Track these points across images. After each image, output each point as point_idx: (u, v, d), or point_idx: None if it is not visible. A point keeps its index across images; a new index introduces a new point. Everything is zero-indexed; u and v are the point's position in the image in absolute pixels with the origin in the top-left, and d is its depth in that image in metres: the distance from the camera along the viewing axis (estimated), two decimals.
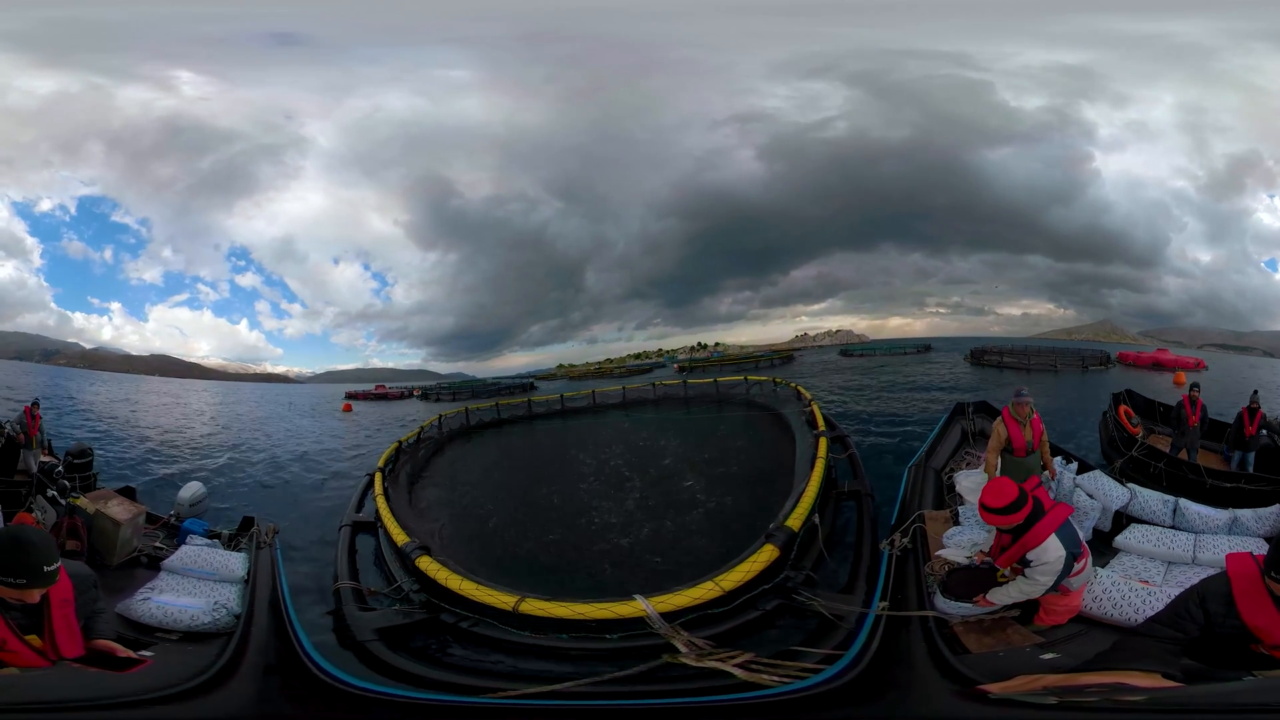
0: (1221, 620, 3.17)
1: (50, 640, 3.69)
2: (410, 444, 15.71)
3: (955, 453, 9.61)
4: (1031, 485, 5.26)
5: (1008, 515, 4.84)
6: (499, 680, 5.70)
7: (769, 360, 28.13)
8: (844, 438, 10.97)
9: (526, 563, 9.12)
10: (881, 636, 5.40)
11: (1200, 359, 22.92)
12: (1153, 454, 9.43)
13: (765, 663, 5.31)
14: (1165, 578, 5.95)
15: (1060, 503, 5.16)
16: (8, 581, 3.45)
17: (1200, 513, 6.79)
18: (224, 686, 4.76)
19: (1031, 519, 4.86)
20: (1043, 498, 5.07)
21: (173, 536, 8.86)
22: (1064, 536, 4.81)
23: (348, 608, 7.21)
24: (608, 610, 6.10)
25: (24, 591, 3.49)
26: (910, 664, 5.09)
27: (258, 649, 5.67)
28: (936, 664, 4.86)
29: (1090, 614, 5.18)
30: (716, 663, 5.37)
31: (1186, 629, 3.24)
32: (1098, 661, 3.52)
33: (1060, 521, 4.86)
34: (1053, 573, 4.78)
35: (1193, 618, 3.24)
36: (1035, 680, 3.65)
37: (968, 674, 4.42)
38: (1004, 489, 4.90)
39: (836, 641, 5.68)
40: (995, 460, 7.18)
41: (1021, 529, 4.88)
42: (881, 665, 5.17)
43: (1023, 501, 4.84)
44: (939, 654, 4.92)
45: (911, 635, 5.30)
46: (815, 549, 7.32)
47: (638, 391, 21.90)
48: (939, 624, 5.27)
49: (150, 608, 6.46)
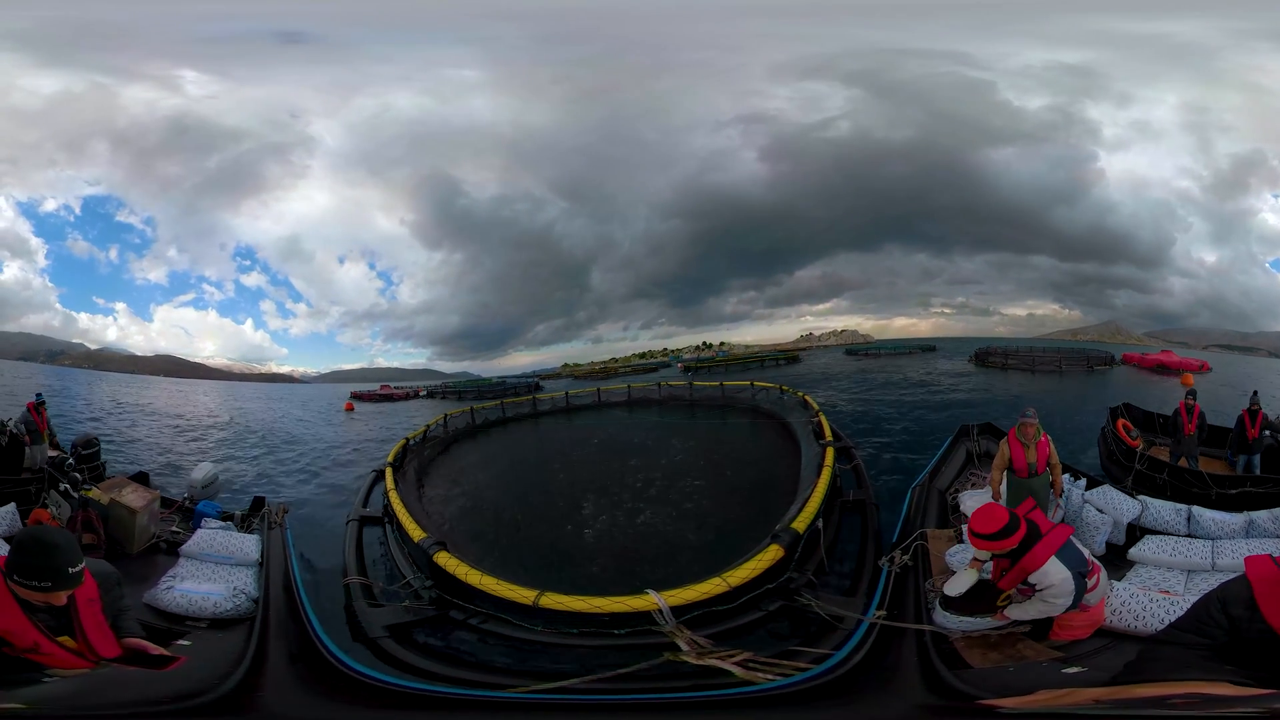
0: (1247, 624, 3.05)
1: (84, 641, 3.64)
2: (417, 441, 15.88)
3: (960, 473, 9.65)
4: (1026, 508, 5.18)
5: (998, 541, 4.76)
6: (516, 677, 5.78)
7: (774, 360, 28.14)
8: (850, 448, 11.03)
9: (537, 559, 9.18)
10: (873, 644, 5.47)
11: (1205, 360, 22.90)
12: (1155, 466, 9.30)
13: (763, 661, 5.39)
14: (1187, 586, 5.93)
15: (1059, 524, 5.08)
16: (33, 585, 3.39)
17: (1215, 518, 6.80)
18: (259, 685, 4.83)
19: (1027, 543, 4.76)
20: (1039, 520, 4.98)
21: (188, 519, 9.09)
22: (1067, 557, 4.73)
23: (357, 603, 7.26)
24: (622, 604, 6.21)
25: (50, 594, 3.44)
26: (895, 672, 5.15)
27: (279, 635, 5.85)
28: (925, 675, 4.88)
29: (1113, 627, 5.15)
30: (716, 660, 5.46)
31: (1212, 634, 3.12)
32: (1130, 673, 3.37)
33: (1059, 543, 4.76)
34: (1064, 594, 4.70)
35: (1216, 622, 3.12)
36: (1065, 695, 3.55)
37: (964, 689, 4.41)
38: (994, 514, 4.81)
39: (832, 645, 5.74)
40: (999, 478, 7.17)
41: (1018, 553, 4.79)
42: (865, 670, 5.24)
43: (1014, 526, 4.75)
44: (930, 666, 4.94)
45: (904, 646, 5.35)
46: (819, 555, 7.38)
47: (643, 391, 21.98)
48: (937, 638, 5.27)
49: (175, 596, 6.67)
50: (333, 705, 5.09)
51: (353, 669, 5.44)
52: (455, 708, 5.33)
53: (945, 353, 27.16)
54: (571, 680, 5.35)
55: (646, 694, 5.31)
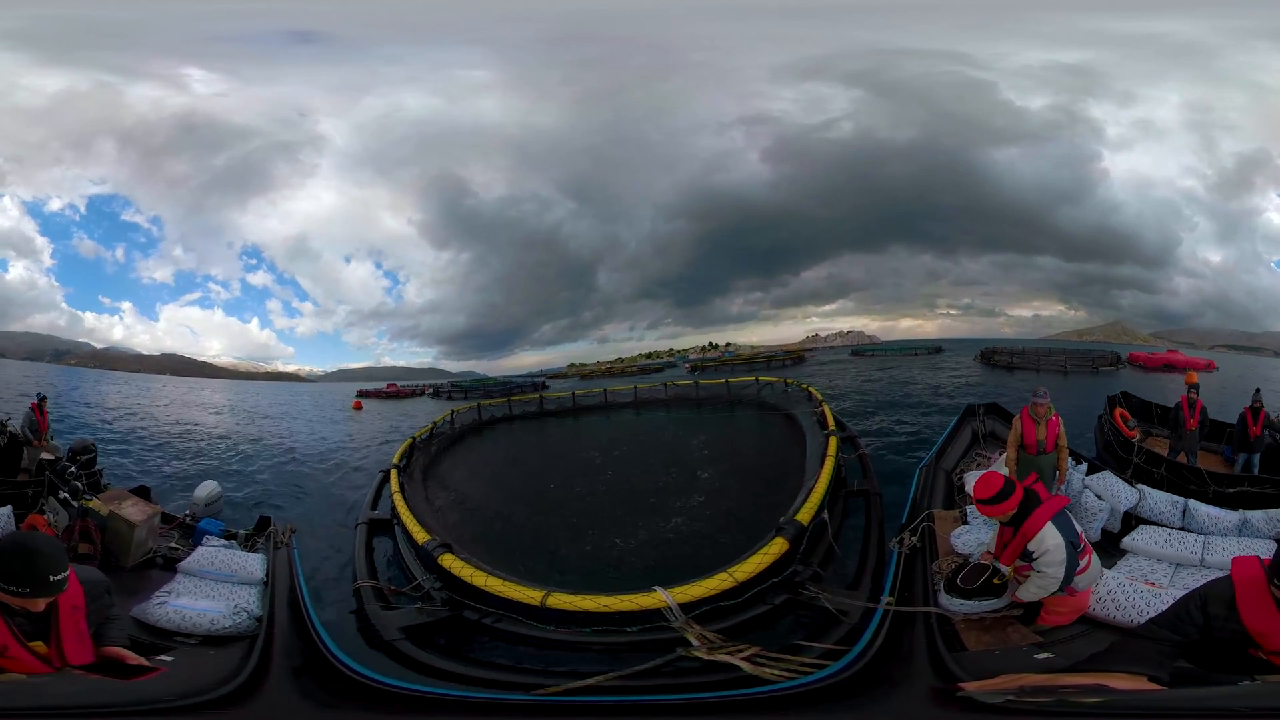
0: (1222, 624, 3.14)
1: (56, 647, 3.59)
2: (424, 439, 15.84)
3: (966, 454, 9.70)
4: (1029, 481, 5.38)
5: (997, 504, 4.98)
6: (530, 676, 5.79)
7: (780, 360, 28.15)
8: (854, 438, 11.07)
9: (546, 558, 9.21)
10: (887, 633, 5.50)
11: (1211, 360, 22.84)
12: (1153, 460, 9.22)
13: (770, 656, 5.44)
14: (1172, 580, 5.98)
15: (1056, 495, 5.31)
16: (10, 590, 3.34)
17: (1210, 514, 6.82)
18: (261, 690, 4.79)
19: (1026, 508, 4.97)
20: (1040, 491, 5.18)
21: (188, 537, 8.85)
22: (1062, 526, 4.89)
23: (370, 607, 7.24)
24: (630, 602, 6.23)
25: (28, 600, 3.39)
26: (910, 660, 5.17)
27: (283, 651, 5.67)
28: (932, 660, 4.96)
29: (1095, 615, 5.24)
30: (725, 655, 5.51)
31: (1186, 632, 3.21)
32: (1091, 662, 3.50)
33: (1055, 510, 4.95)
34: (1058, 561, 4.84)
35: (1193, 620, 3.20)
36: (1015, 680, 3.63)
37: (955, 672, 4.52)
38: (990, 480, 5.04)
39: (838, 636, 5.79)
40: (1014, 455, 7.36)
41: (1018, 519, 5.00)
42: (883, 661, 5.25)
43: (1010, 489, 4.97)
44: (936, 650, 5.02)
45: (915, 632, 5.40)
46: (824, 545, 7.42)
47: (649, 391, 22.00)
48: (942, 621, 5.36)
49: (168, 611, 6.45)
50: (340, 712, 5.06)
51: (367, 676, 5.37)
52: (471, 711, 5.30)
53: (951, 353, 27.16)
54: (595, 679, 5.37)
55: (665, 694, 5.34)
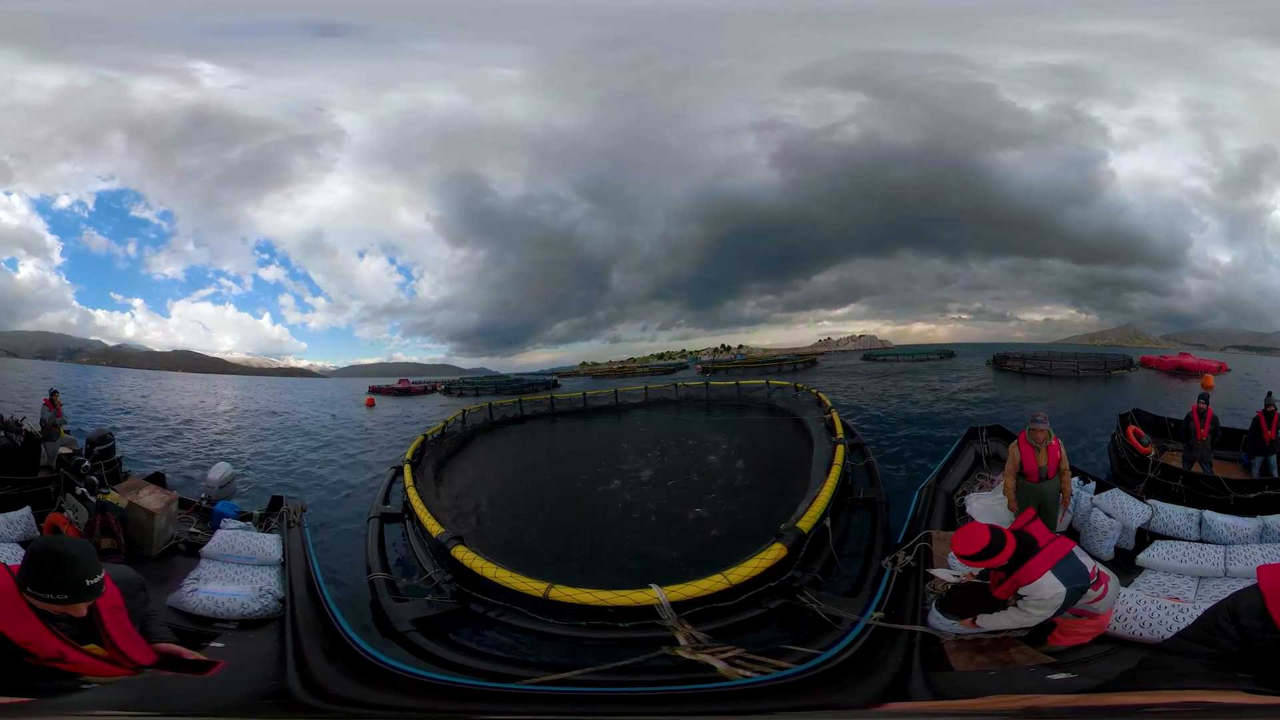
0: (1259, 635, 3.03)
1: (114, 649, 3.60)
2: (435, 437, 15.96)
3: (968, 475, 9.62)
4: (1025, 519, 5.16)
5: (982, 560, 4.76)
6: (528, 668, 6.03)
7: (792, 364, 28.21)
8: (862, 446, 11.07)
9: (551, 553, 9.33)
10: (865, 645, 5.53)
11: (1223, 362, 22.73)
12: (1169, 473, 9.10)
13: (750, 658, 5.56)
14: (1198, 593, 5.84)
15: (1059, 537, 5.01)
16: (48, 598, 3.33)
17: (1227, 523, 6.71)
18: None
19: (1021, 556, 4.73)
20: (1038, 533, 4.93)
21: (206, 520, 9.04)
22: (1067, 571, 4.68)
23: (384, 599, 7.42)
24: (626, 597, 6.41)
25: (68, 606, 3.37)
26: (873, 672, 5.21)
27: (309, 634, 5.94)
28: (898, 676, 4.96)
29: (1116, 634, 5.09)
30: (706, 656, 5.65)
31: (1221, 644, 3.12)
32: (1123, 681, 3.41)
33: (1058, 558, 4.72)
34: (1049, 608, 4.68)
35: (1225, 633, 3.11)
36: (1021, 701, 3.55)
37: (914, 690, 4.57)
38: (974, 535, 4.78)
39: (825, 643, 5.82)
40: (1012, 484, 7.09)
41: (1012, 566, 4.77)
42: (845, 670, 5.32)
43: (999, 543, 4.72)
44: (907, 667, 5.01)
45: (895, 648, 5.39)
46: (826, 552, 7.44)
47: (660, 392, 22.13)
48: (929, 640, 5.32)
49: (201, 598, 6.68)
50: (378, 694, 5.25)
51: (385, 663, 5.59)
52: (471, 698, 5.47)
53: (963, 357, 27.18)
54: (573, 672, 5.61)
55: (636, 686, 5.58)
